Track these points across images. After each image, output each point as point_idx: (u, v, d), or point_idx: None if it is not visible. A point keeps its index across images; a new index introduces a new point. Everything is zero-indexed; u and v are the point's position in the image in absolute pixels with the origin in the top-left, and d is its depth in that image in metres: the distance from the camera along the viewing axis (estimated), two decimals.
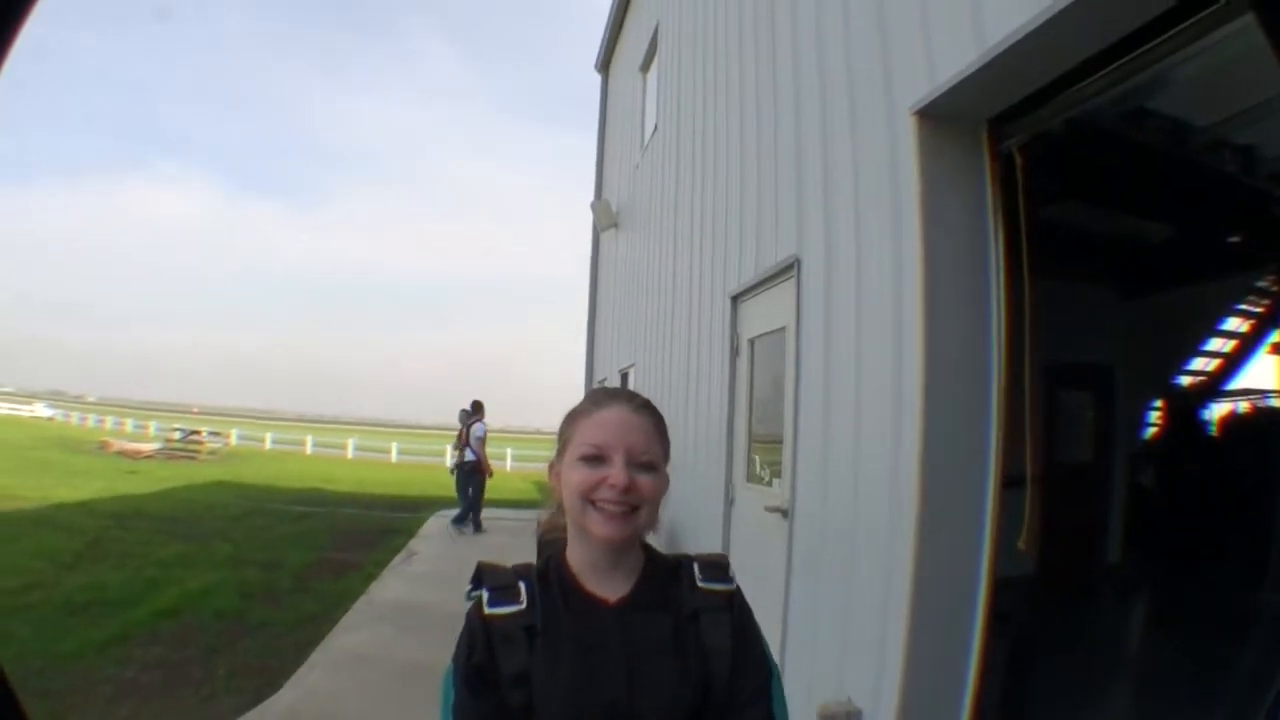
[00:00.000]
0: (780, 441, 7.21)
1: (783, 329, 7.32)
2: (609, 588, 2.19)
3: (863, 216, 5.83)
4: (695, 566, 2.27)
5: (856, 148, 5.98)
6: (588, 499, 2.13)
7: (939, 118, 4.99)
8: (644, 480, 2.14)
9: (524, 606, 2.13)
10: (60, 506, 21.04)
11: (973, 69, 4.39)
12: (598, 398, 2.30)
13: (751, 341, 8.46)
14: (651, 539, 2.31)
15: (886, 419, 5.26)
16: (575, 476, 2.15)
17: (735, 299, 8.87)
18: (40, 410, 74.07)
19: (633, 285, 16.59)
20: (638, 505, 2.14)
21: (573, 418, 2.27)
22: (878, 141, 5.56)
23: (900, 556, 4.92)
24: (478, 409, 20.72)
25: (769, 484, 7.57)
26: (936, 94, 4.78)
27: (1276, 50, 1.55)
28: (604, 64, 22.45)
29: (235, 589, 13.19)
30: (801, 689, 5.67)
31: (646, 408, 2.27)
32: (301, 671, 9.10)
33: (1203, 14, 3.65)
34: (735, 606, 2.24)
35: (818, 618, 6.13)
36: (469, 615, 2.15)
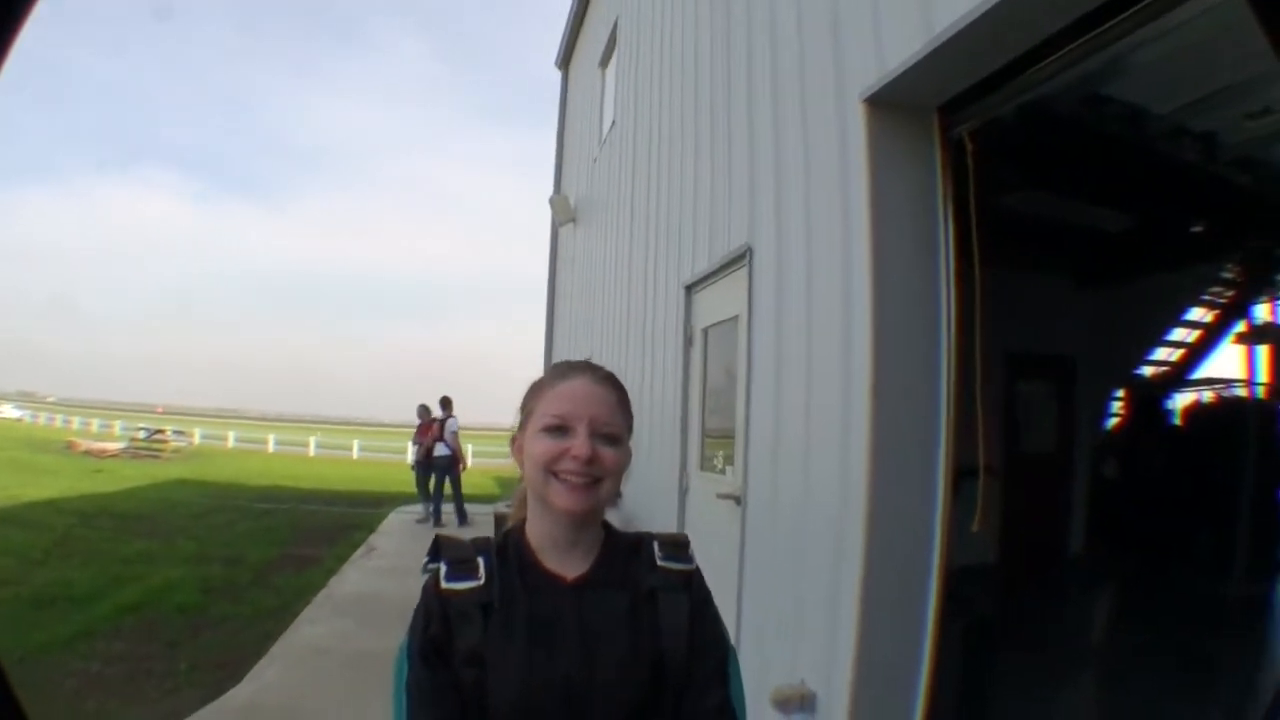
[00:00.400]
0: (732, 430, 7.22)
1: (735, 318, 7.33)
2: (567, 564, 2.17)
3: (813, 205, 5.83)
4: (655, 545, 2.25)
5: (807, 136, 5.97)
6: (550, 470, 2.11)
7: (888, 105, 4.98)
8: (607, 452, 2.13)
9: (481, 582, 2.10)
10: (29, 505, 21.11)
11: (921, 55, 4.39)
12: (561, 369, 2.28)
13: (705, 331, 8.48)
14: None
15: (836, 407, 5.26)
16: (538, 447, 2.13)
17: (689, 289, 8.88)
18: (8, 411, 73.69)
19: (590, 279, 16.58)
20: (600, 477, 2.12)
21: (536, 389, 2.26)
22: (828, 129, 5.56)
23: (851, 543, 4.92)
24: (447, 405, 20.90)
25: (722, 471, 7.58)
26: (885, 81, 4.78)
27: (1275, 48, 1.51)
28: (564, 61, 22.36)
29: (197, 584, 13.29)
30: (756, 672, 5.64)
31: (610, 380, 2.26)
32: (261, 664, 9.18)
33: None
34: (694, 586, 2.23)
35: (771, 602, 6.14)
36: (425, 588, 2.13)
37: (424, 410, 21.41)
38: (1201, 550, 11.79)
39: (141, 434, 47.39)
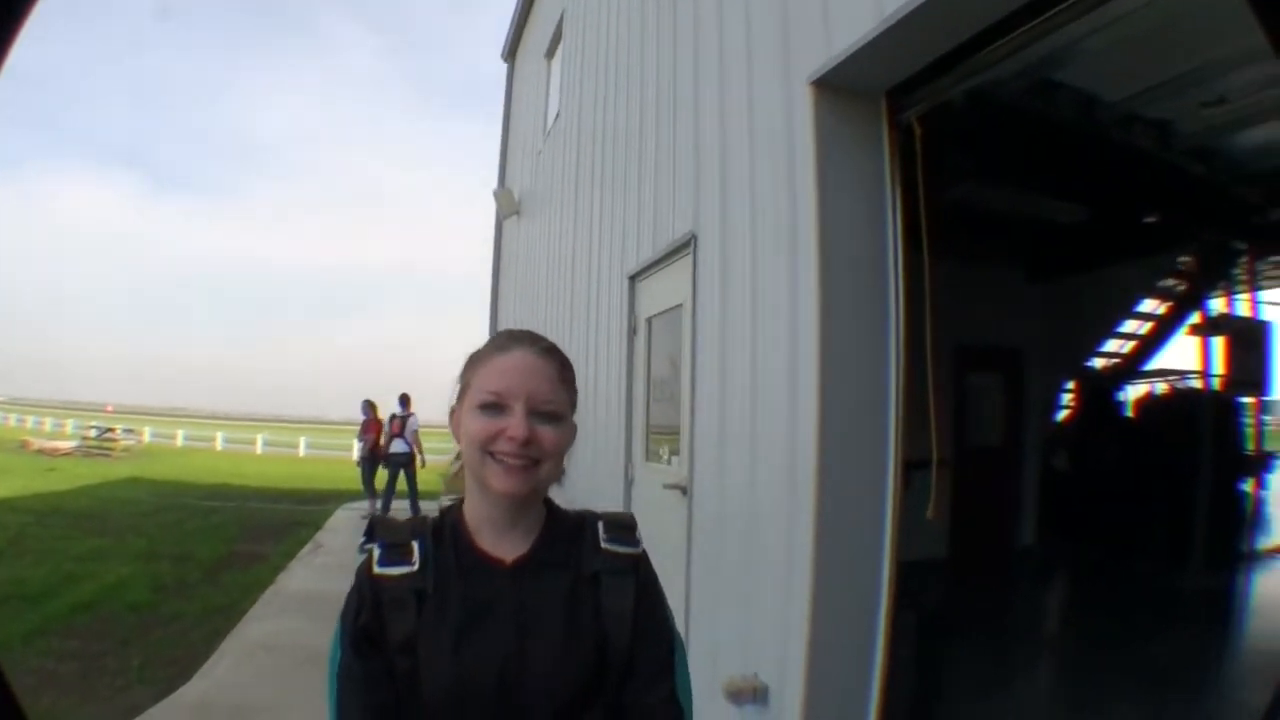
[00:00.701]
0: (678, 420, 7.16)
1: (679, 306, 7.26)
2: (506, 546, 2.06)
3: (759, 191, 5.77)
4: (600, 526, 2.14)
5: (753, 121, 5.91)
6: (486, 450, 1.99)
7: (836, 88, 4.92)
8: (546, 431, 2.00)
9: (415, 568, 1.99)
10: None
11: (871, 37, 4.32)
12: (500, 341, 2.14)
13: (649, 320, 8.41)
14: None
15: (782, 397, 5.20)
16: (474, 426, 2.00)
17: (633, 279, 8.81)
18: None
19: (534, 272, 16.47)
20: (539, 459, 2.00)
21: (473, 362, 2.13)
22: (774, 113, 5.49)
23: (800, 535, 4.86)
24: (406, 402, 20.87)
25: (668, 462, 7.52)
26: (834, 64, 4.71)
27: (1274, 45, 1.44)
28: (510, 53, 22.20)
29: (148, 582, 13.32)
30: (706, 663, 5.61)
31: (551, 352, 2.12)
32: (212, 661, 9.22)
33: None
34: (640, 571, 2.13)
35: (720, 593, 6.08)
36: (359, 573, 2.04)
37: (368, 406, 21.41)
38: (1155, 541, 11.86)
39: (93, 433, 47.27)
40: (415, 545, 2.01)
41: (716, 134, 6.59)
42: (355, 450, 24.17)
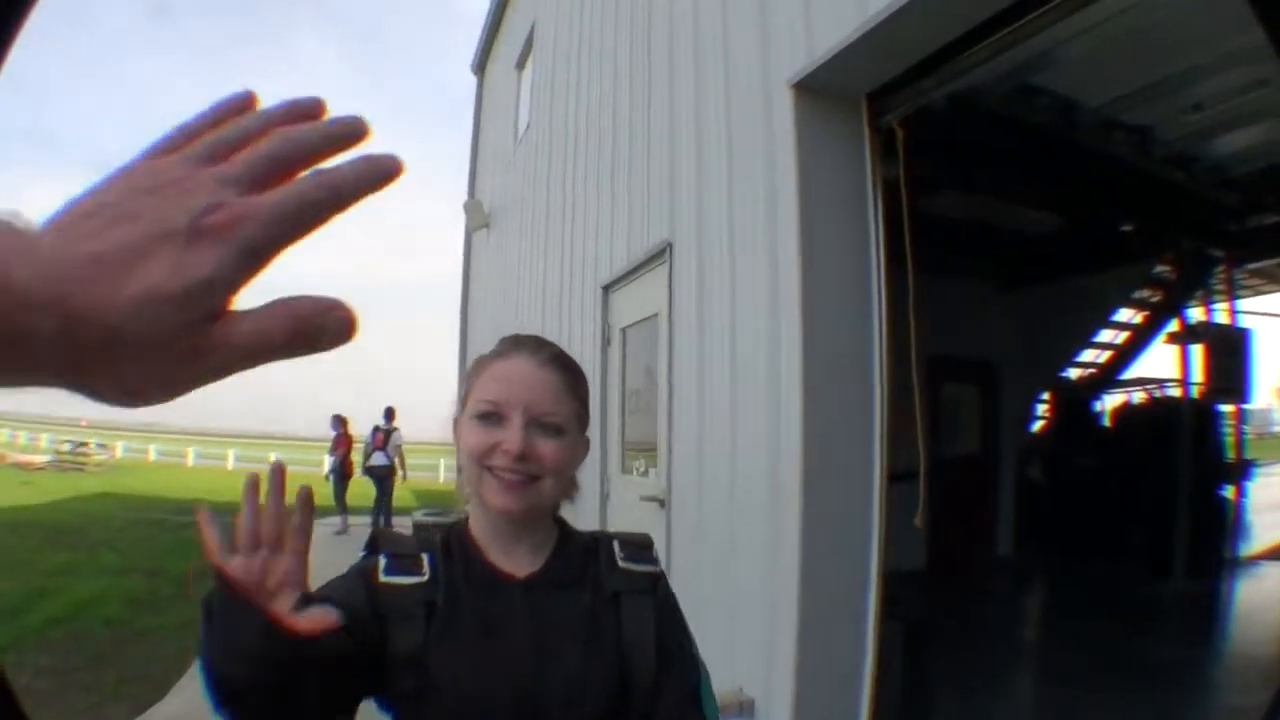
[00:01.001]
0: (654, 431, 7.11)
1: (655, 315, 7.20)
2: (516, 562, 1.92)
3: (736, 197, 5.72)
4: (616, 544, 2.02)
5: (731, 125, 5.86)
6: (483, 464, 1.85)
7: (817, 91, 4.87)
8: (546, 445, 1.86)
9: (425, 579, 1.85)
10: None
11: (853, 39, 4.27)
12: (503, 346, 2.01)
13: (624, 331, 8.33)
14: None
15: (763, 407, 5.15)
16: (471, 437, 1.87)
17: (606, 289, 8.74)
18: None
19: (505, 284, 16.39)
20: (538, 475, 1.85)
21: (476, 367, 2.00)
22: (753, 117, 5.44)
23: (786, 547, 4.80)
24: (391, 416, 20.93)
25: (645, 474, 7.45)
26: (815, 66, 4.66)
27: (1275, 45, 1.38)
28: (480, 65, 22.19)
29: (121, 597, 13.26)
30: None
31: (557, 359, 1.98)
32: (186, 677, 9.06)
33: None
34: (660, 591, 2.00)
35: (702, 607, 5.95)
36: (358, 573, 1.87)
37: (339, 421, 21.35)
38: (1135, 549, 11.89)
39: (67, 447, 47.12)
40: (424, 557, 1.89)
41: (692, 140, 6.53)
42: (326, 464, 24.07)
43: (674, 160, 6.93)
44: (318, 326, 0.64)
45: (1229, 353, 11.86)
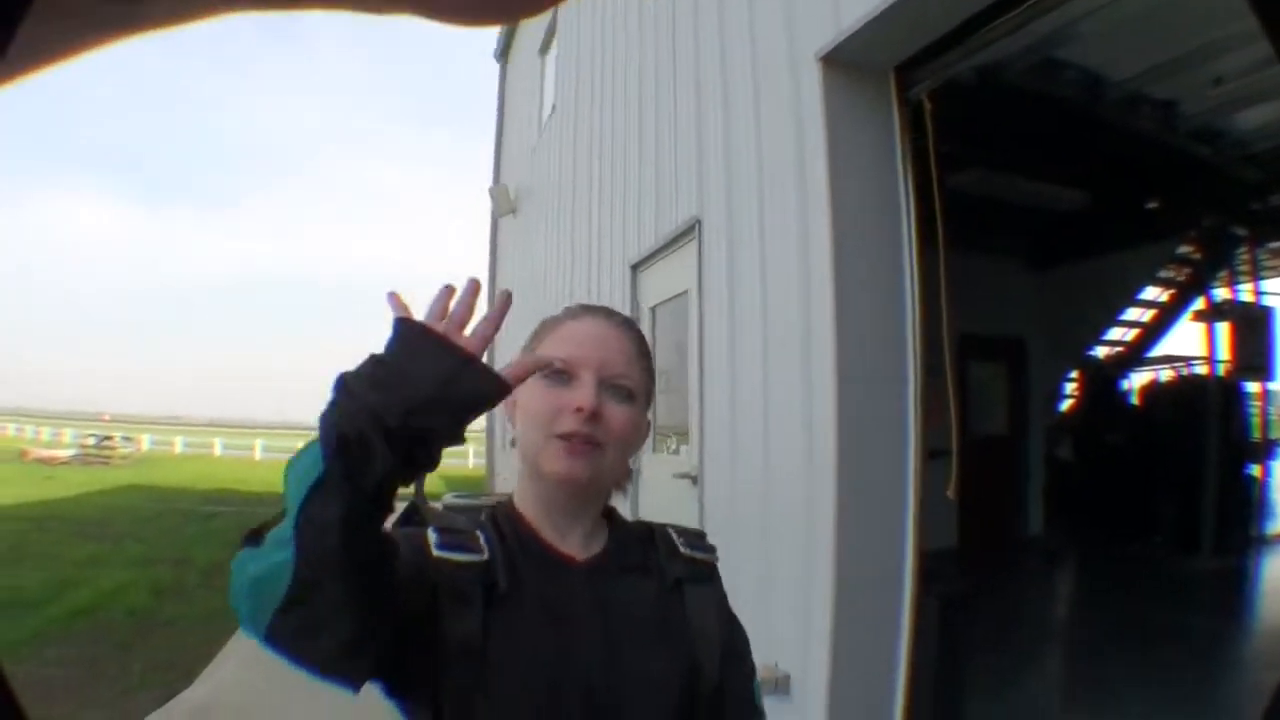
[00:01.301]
0: (685, 409, 7.10)
1: (685, 293, 7.19)
2: (571, 545, 1.74)
3: (766, 171, 5.68)
4: (672, 532, 1.87)
5: (759, 100, 5.82)
6: (547, 430, 1.67)
7: (845, 65, 4.85)
8: (616, 410, 1.70)
9: (484, 558, 1.63)
10: None
11: (880, 10, 4.24)
12: (573, 310, 1.87)
13: (653, 309, 8.33)
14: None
15: (796, 383, 5.12)
16: (535, 400, 1.70)
17: (635, 268, 8.72)
18: None
19: (533, 268, 16.31)
20: (603, 442, 1.68)
21: (540, 330, 1.86)
22: (780, 92, 5.41)
23: (821, 524, 4.79)
24: None
25: (676, 452, 7.43)
26: (842, 38, 4.63)
27: (1275, 47, 1.35)
28: (503, 51, 22.31)
29: (147, 587, 13.21)
30: None
31: (629, 325, 1.86)
32: (213, 665, 9.05)
33: None
34: (717, 581, 1.87)
35: (736, 582, 5.89)
36: (406, 537, 1.61)
37: None
38: (1164, 527, 11.89)
39: (92, 441, 47.32)
40: (479, 534, 1.68)
41: (719, 116, 6.50)
42: None
43: (701, 137, 6.90)
44: None
45: (1254, 331, 11.86)
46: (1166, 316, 14.06)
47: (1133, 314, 14.17)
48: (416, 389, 1.34)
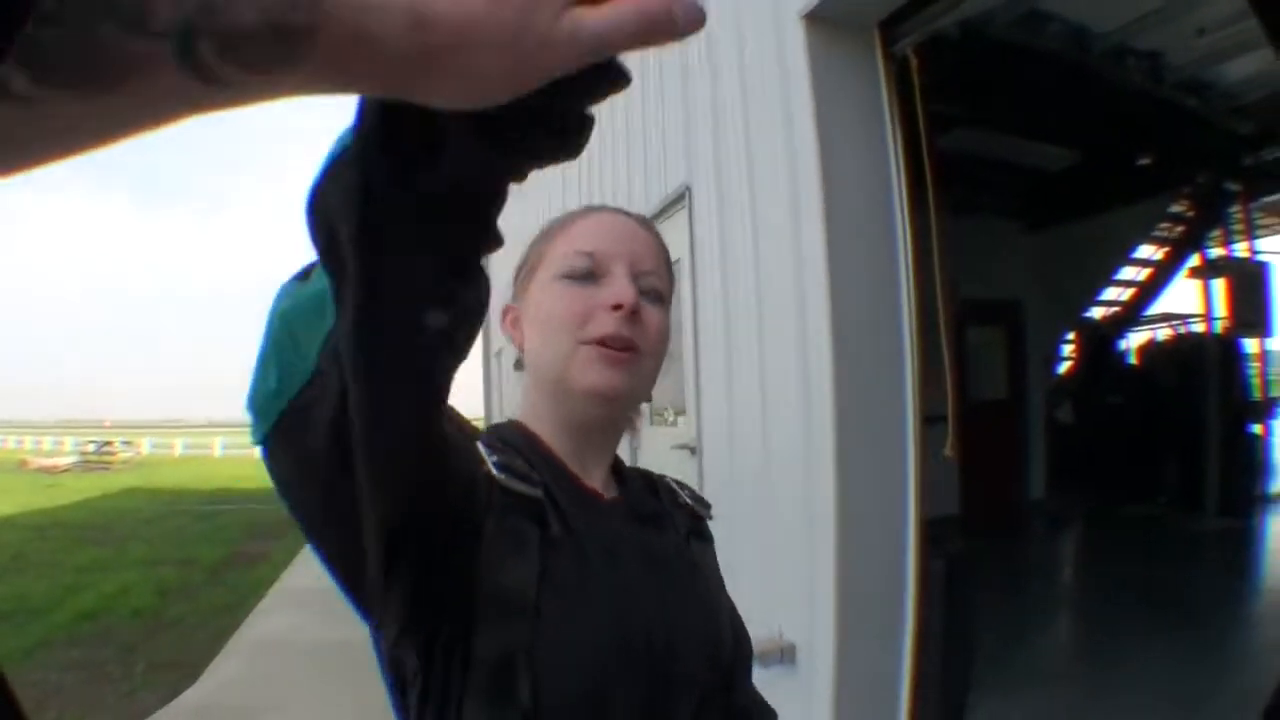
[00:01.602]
0: (681, 379, 7.02)
1: (677, 262, 7.02)
2: (595, 481, 1.50)
3: (753, 134, 5.62)
4: (672, 482, 1.72)
5: (744, 61, 5.76)
6: (576, 336, 1.41)
7: (829, 21, 4.76)
8: (652, 312, 1.46)
9: (540, 493, 1.33)
10: None
11: None
12: (582, 210, 1.61)
13: None
14: None
15: (792, 348, 5.06)
16: (558, 303, 1.44)
17: None
18: None
19: (520, 246, 16.38)
20: (642, 348, 1.43)
21: (547, 233, 1.61)
22: (765, 52, 5.34)
23: (821, 492, 4.71)
24: None
25: (673, 423, 7.37)
26: None
27: (1273, 42, 1.31)
28: None
29: (151, 587, 13.41)
30: None
31: (648, 222, 1.63)
32: (217, 662, 9.17)
33: None
34: (712, 542, 1.69)
35: (738, 552, 5.87)
36: (460, 436, 1.28)
37: None
38: (1166, 488, 11.92)
39: (92, 447, 47.67)
40: (523, 462, 1.37)
41: (706, 80, 6.44)
42: None
43: (688, 103, 6.85)
44: (668, 14, 0.65)
45: (1250, 286, 11.88)
46: (1162, 274, 14.05)
47: (1128, 273, 14.16)
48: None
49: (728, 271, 6.05)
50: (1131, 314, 14.80)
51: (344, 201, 0.83)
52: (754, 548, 5.56)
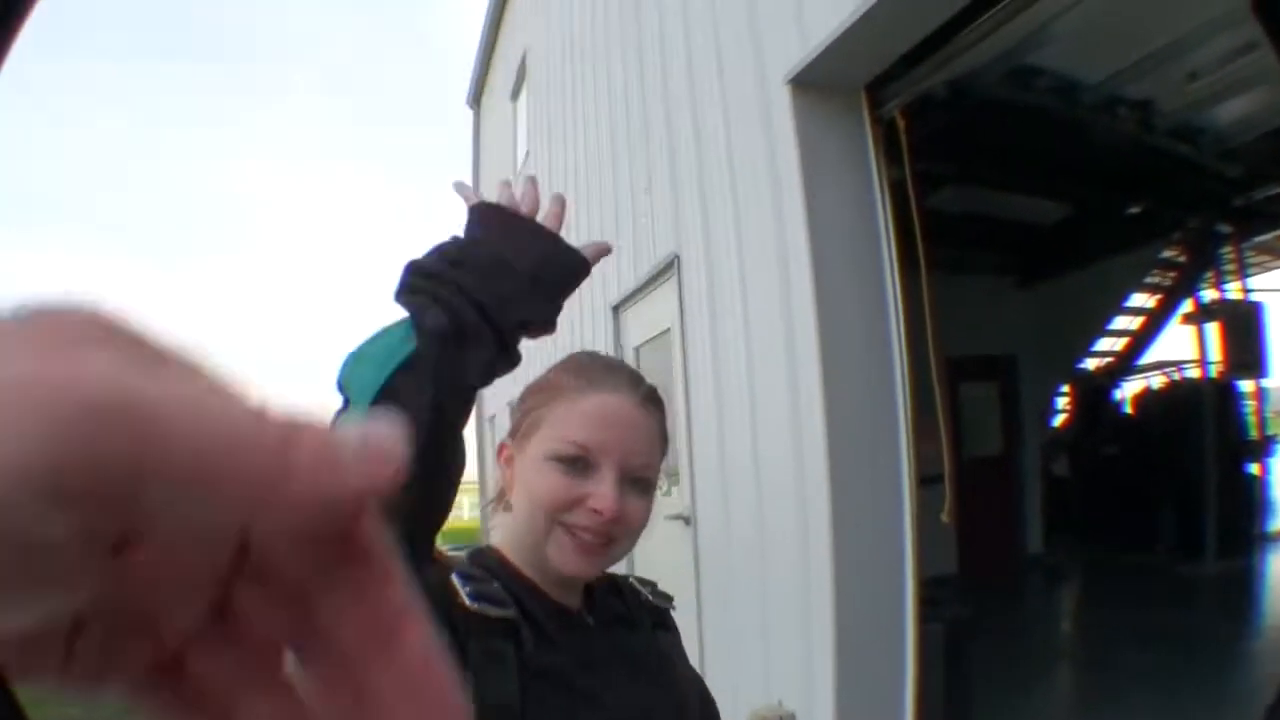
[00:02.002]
0: (675, 449, 6.92)
1: (668, 331, 7.15)
2: (565, 598, 1.57)
3: (741, 201, 5.65)
4: (634, 581, 1.76)
5: (730, 128, 5.80)
6: (555, 515, 1.48)
7: (815, 86, 4.79)
8: (635, 505, 1.52)
9: (512, 612, 1.44)
10: None
11: (847, 26, 4.18)
12: (589, 373, 1.61)
13: (637, 350, 8.27)
14: None
15: (784, 415, 5.06)
16: (543, 482, 1.50)
17: (616, 309, 8.67)
18: None
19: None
20: (616, 537, 1.51)
21: (552, 392, 1.59)
22: (751, 118, 5.36)
23: (818, 557, 4.71)
24: None
25: (667, 493, 7.29)
26: (810, 59, 4.56)
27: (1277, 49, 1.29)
28: (475, 98, 22.43)
29: None
30: (727, 700, 5.35)
31: (653, 399, 1.64)
32: None
33: None
34: (676, 628, 1.76)
35: (735, 623, 5.93)
36: (431, 586, 1.40)
37: None
38: (1166, 534, 11.87)
39: None
40: (497, 585, 1.47)
41: (693, 148, 6.47)
42: None
43: (675, 171, 6.87)
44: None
45: (1244, 328, 11.85)
46: (1155, 321, 14.02)
47: (1121, 322, 14.14)
48: (515, 273, 1.37)
49: (717, 339, 6.05)
50: (1125, 363, 14.78)
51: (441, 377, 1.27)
52: (751, 617, 5.55)
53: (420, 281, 1.34)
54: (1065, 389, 14.73)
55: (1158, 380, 14.75)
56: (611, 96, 8.98)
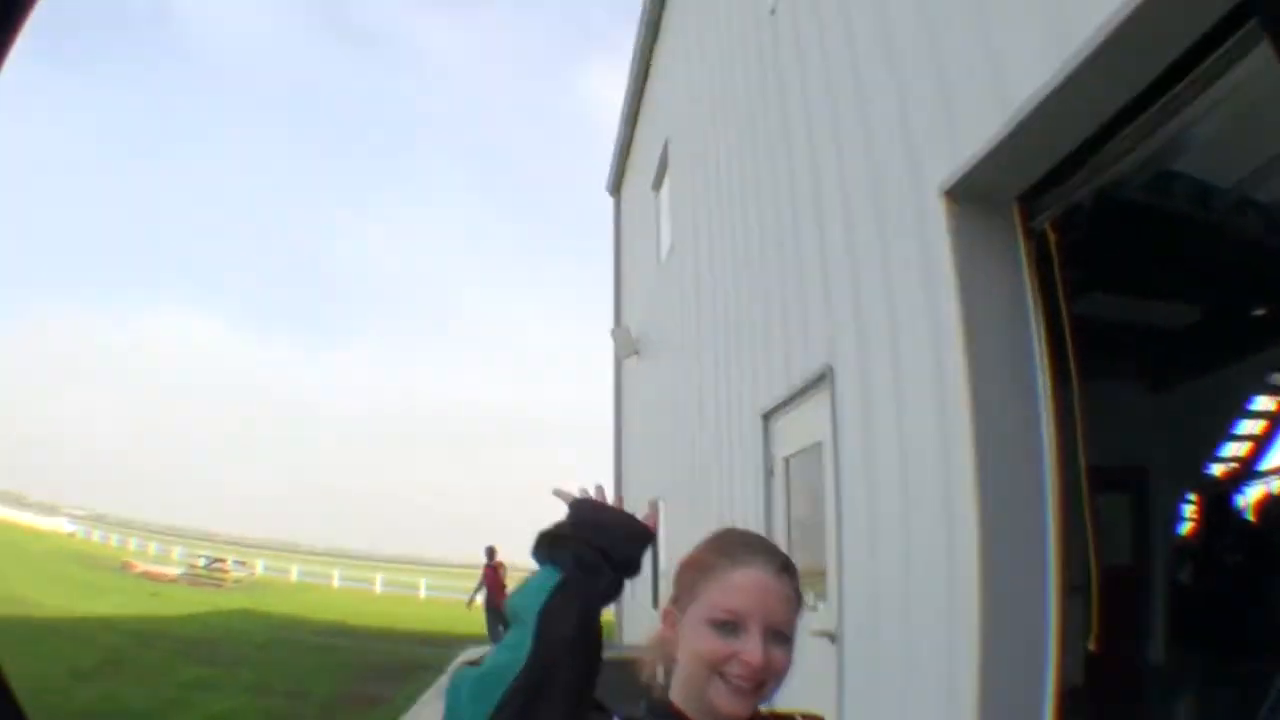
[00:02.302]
0: (822, 564, 6.92)
1: (819, 444, 7.07)
2: None
3: (898, 314, 5.61)
4: (799, 717, 2.06)
5: (885, 239, 5.78)
6: (713, 667, 1.83)
7: (969, 197, 4.78)
8: (778, 655, 1.85)
9: None
10: (80, 620, 21.63)
11: (999, 140, 4.21)
12: (733, 550, 1.99)
13: (786, 460, 8.19)
14: None
15: (939, 534, 5.01)
16: (703, 644, 1.85)
17: (766, 417, 8.59)
18: (62, 524, 73.54)
19: (658, 411, 16.27)
20: (765, 681, 1.84)
21: (703, 570, 1.97)
22: (905, 229, 5.36)
23: (963, 675, 4.67)
24: (492, 554, 22.44)
25: (813, 607, 7.25)
26: (965, 169, 4.57)
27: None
28: (615, 186, 22.48)
29: (259, 715, 13.07)
30: None
31: (788, 568, 1.98)
32: None
33: (1222, 49, 3.47)
34: None
35: None
36: None
37: (490, 552, 22.36)
38: None
39: (202, 561, 47.90)
40: None
41: (845, 258, 6.47)
42: (479, 596, 24.34)
43: (827, 280, 6.86)
44: None
45: None
46: (1277, 425, 13.81)
47: (1244, 426, 13.95)
48: (620, 538, 1.89)
49: (871, 452, 5.99)
50: (1248, 468, 14.55)
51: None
52: None
53: (554, 538, 1.86)
54: (1192, 497, 14.53)
55: (1278, 485, 14.50)
56: (759, 193, 8.98)
